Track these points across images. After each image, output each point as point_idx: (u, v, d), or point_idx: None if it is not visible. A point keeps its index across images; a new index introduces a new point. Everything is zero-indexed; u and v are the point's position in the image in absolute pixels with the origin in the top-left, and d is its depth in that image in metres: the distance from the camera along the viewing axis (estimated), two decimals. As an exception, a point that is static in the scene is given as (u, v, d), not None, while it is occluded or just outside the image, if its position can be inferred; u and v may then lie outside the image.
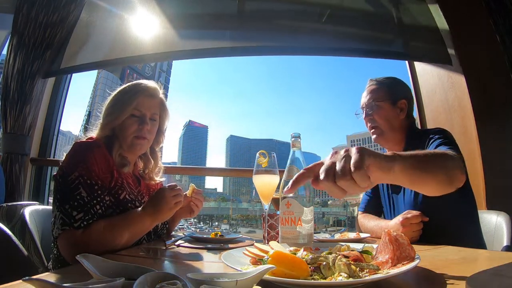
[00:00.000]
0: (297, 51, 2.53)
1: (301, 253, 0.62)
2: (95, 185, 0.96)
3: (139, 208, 1.00)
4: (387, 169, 0.58)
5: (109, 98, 1.17)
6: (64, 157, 1.01)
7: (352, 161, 0.54)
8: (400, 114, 1.30)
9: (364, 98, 1.35)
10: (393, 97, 1.30)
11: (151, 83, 1.19)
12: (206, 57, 2.36)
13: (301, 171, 0.62)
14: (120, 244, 0.94)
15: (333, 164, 0.56)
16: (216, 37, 2.39)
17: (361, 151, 0.55)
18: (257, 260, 0.61)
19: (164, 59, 2.37)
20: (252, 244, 0.72)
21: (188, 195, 1.19)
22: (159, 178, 1.28)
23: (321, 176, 0.56)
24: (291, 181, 0.62)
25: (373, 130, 1.32)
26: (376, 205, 1.40)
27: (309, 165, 0.62)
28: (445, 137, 1.16)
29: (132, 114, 1.11)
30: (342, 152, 0.56)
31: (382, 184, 1.37)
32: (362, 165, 0.53)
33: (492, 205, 1.72)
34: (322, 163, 0.58)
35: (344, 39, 2.45)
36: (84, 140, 1.07)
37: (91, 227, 0.91)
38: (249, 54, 2.43)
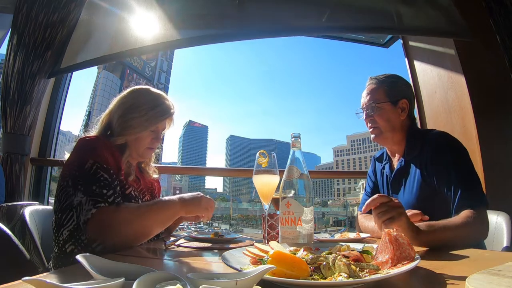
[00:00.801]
0: (299, 31, 2.45)
1: (301, 253, 0.62)
2: (110, 170, 0.98)
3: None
4: (414, 240, 0.86)
5: (125, 100, 1.15)
6: (69, 155, 1.02)
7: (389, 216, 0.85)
8: (401, 114, 1.28)
9: (364, 98, 1.32)
10: (393, 97, 1.28)
11: (172, 101, 1.22)
12: (207, 43, 2.33)
13: (372, 200, 0.89)
14: (149, 228, 0.96)
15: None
16: (216, 22, 2.36)
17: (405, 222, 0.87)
18: (257, 260, 0.61)
19: (166, 49, 2.34)
20: (252, 244, 0.72)
21: None
22: (154, 175, 1.31)
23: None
24: (366, 203, 0.90)
25: (372, 129, 1.31)
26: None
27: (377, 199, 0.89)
28: (458, 161, 1.11)
29: (151, 130, 1.15)
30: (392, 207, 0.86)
31: (382, 184, 1.37)
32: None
33: (492, 205, 1.72)
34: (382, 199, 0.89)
35: (350, 16, 2.37)
36: (91, 136, 1.10)
37: (122, 205, 0.94)
38: (250, 38, 2.40)
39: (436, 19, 2.21)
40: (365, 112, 1.32)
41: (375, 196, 0.89)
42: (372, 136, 1.32)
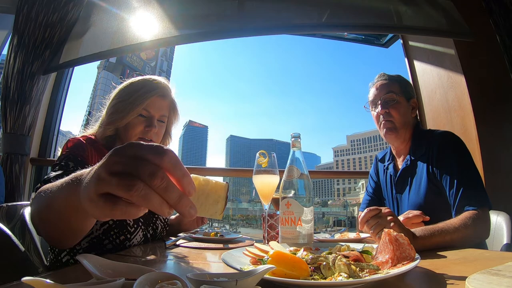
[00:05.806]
0: (300, 29, 2.42)
1: (301, 253, 0.62)
2: (84, 163, 0.88)
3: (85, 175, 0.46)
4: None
5: (116, 91, 1.08)
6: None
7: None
8: (412, 111, 1.30)
9: (379, 91, 1.30)
10: (407, 94, 1.30)
11: (164, 81, 1.10)
12: (206, 40, 2.30)
13: (363, 216, 0.90)
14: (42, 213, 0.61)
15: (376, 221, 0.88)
16: (216, 19, 2.35)
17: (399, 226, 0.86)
18: (257, 260, 0.61)
19: (165, 45, 2.32)
20: (252, 244, 0.72)
21: None
22: None
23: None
24: (359, 221, 0.91)
25: (385, 123, 1.27)
26: (377, 205, 1.39)
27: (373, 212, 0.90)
28: (462, 161, 1.11)
29: (140, 114, 1.03)
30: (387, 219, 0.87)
31: (385, 184, 1.37)
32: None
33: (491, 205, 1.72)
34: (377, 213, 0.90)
35: (350, 14, 2.36)
36: (79, 137, 1.02)
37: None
38: (249, 35, 2.37)
39: (437, 19, 2.21)
40: (380, 104, 1.29)
41: (365, 211, 0.91)
42: (384, 130, 1.28)
